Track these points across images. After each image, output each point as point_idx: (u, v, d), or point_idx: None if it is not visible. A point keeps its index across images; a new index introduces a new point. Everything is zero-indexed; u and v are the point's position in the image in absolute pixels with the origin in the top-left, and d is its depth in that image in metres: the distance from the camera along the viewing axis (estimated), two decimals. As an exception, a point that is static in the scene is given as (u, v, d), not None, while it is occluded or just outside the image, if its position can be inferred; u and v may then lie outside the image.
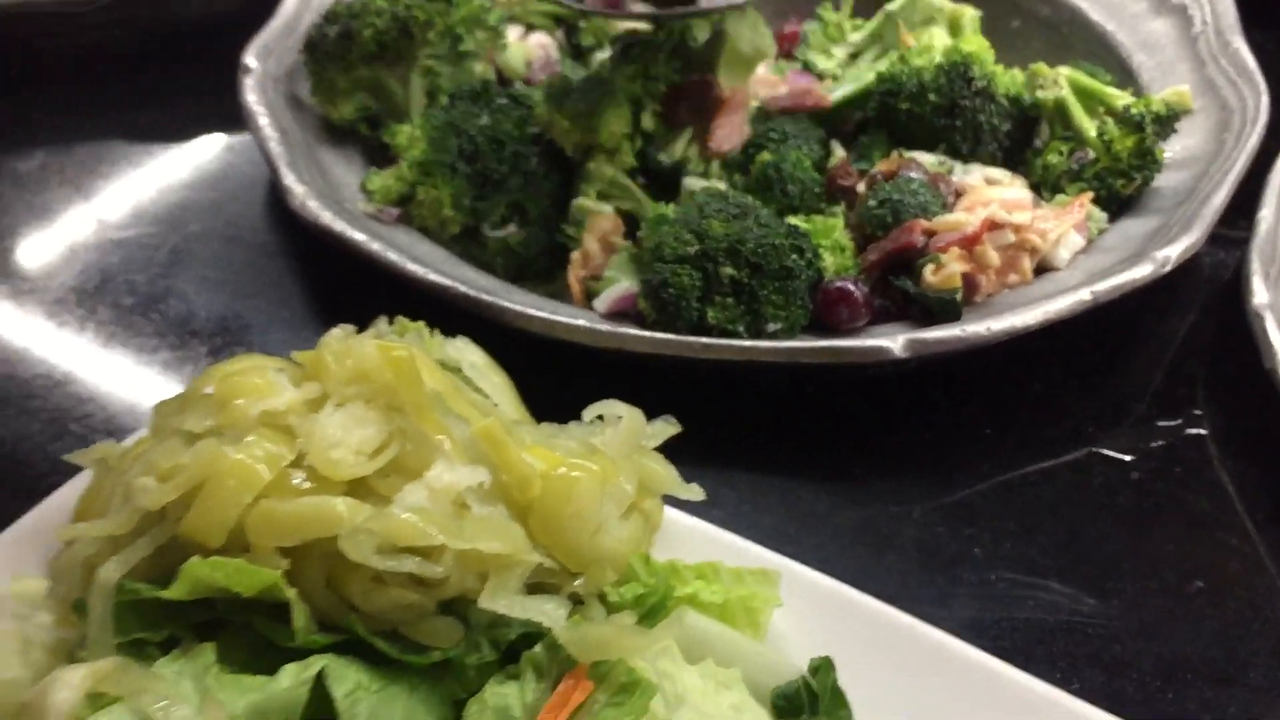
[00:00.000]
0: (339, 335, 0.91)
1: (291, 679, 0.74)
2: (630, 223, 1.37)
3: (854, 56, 1.63)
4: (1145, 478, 1.14)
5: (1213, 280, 1.37)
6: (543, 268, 1.41)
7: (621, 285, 1.27)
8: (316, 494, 0.81)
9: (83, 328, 1.28)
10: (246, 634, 0.80)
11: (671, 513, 0.96)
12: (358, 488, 0.83)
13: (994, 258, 1.26)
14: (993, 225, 1.27)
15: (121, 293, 1.32)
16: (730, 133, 1.44)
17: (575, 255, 1.34)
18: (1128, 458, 1.16)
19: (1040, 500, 1.13)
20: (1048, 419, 1.21)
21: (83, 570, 0.83)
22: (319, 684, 0.74)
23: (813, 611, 0.92)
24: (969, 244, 1.26)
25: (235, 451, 0.81)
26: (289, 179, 1.31)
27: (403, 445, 0.84)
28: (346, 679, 0.75)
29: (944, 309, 1.23)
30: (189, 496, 0.81)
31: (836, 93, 1.49)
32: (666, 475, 0.92)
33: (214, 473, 0.80)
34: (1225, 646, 1.00)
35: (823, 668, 0.85)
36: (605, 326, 1.17)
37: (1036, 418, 1.22)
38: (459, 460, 0.85)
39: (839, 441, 1.18)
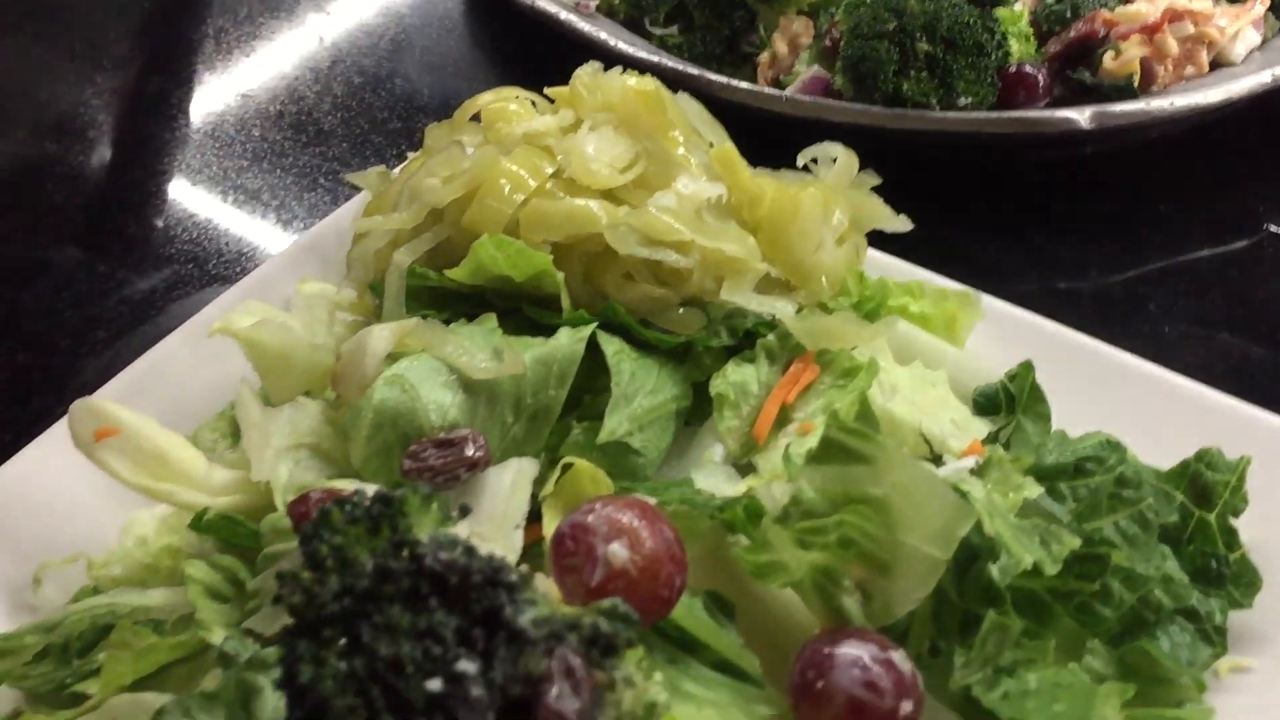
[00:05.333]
0: (590, 70, 1.01)
1: (568, 338, 0.85)
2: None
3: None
4: (1315, 250, 1.21)
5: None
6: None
7: (812, 69, 1.35)
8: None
9: (320, 101, 1.41)
10: (515, 319, 0.92)
11: (875, 253, 1.05)
12: (609, 199, 0.94)
13: (1173, 46, 1.31)
14: (1173, 16, 1.33)
15: (352, 73, 1.45)
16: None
17: (764, 57, 1.43)
18: (1299, 234, 1.23)
19: (1211, 267, 1.20)
20: (1221, 199, 1.28)
21: (375, 259, 0.96)
22: (592, 342, 0.86)
23: (1007, 335, 1.01)
24: (1149, 32, 1.31)
25: (507, 160, 0.93)
26: (505, -32, 1.41)
27: (649, 164, 0.95)
28: (613, 343, 0.87)
29: (1120, 96, 1.29)
30: (467, 198, 0.94)
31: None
32: (877, 207, 1.02)
33: (491, 175, 0.92)
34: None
35: (1022, 370, 0.94)
36: (807, 98, 1.25)
37: (1211, 197, 1.28)
38: (699, 177, 0.96)
39: (1021, 213, 1.26)
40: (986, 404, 0.95)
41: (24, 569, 0.84)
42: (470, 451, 0.78)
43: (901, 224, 1.01)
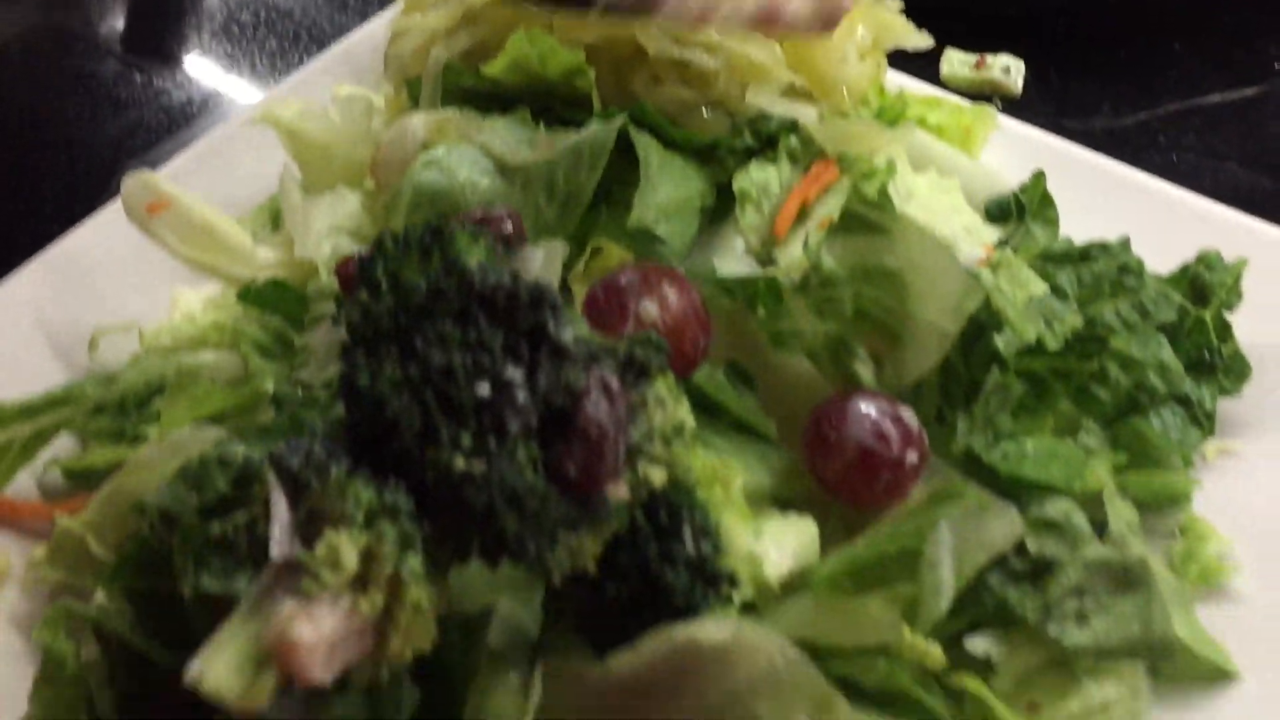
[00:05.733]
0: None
1: (600, 127, 0.88)
2: None
3: None
4: (1326, 93, 1.23)
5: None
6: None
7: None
8: None
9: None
10: (547, 118, 0.95)
11: (895, 73, 1.08)
12: None
13: (1200, -112, 1.32)
14: None
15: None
16: None
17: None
18: (1310, 78, 1.25)
19: (1224, 107, 1.22)
20: (1237, 45, 1.29)
21: (412, 58, 0.99)
22: (622, 142, 0.89)
23: (1019, 151, 1.04)
24: (1177, -127, 1.32)
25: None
26: None
27: (678, -29, 0.97)
28: (642, 135, 0.90)
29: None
30: (501, -3, 0.96)
31: None
32: (900, 24, 1.04)
33: (526, -25, 0.95)
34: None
35: (1033, 180, 0.97)
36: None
37: (1227, 44, 1.30)
38: (727, -14, 0.98)
39: (1040, 55, 1.27)
40: (998, 213, 0.99)
41: (79, 335, 0.88)
42: (505, 228, 0.81)
43: (924, 40, 1.04)
